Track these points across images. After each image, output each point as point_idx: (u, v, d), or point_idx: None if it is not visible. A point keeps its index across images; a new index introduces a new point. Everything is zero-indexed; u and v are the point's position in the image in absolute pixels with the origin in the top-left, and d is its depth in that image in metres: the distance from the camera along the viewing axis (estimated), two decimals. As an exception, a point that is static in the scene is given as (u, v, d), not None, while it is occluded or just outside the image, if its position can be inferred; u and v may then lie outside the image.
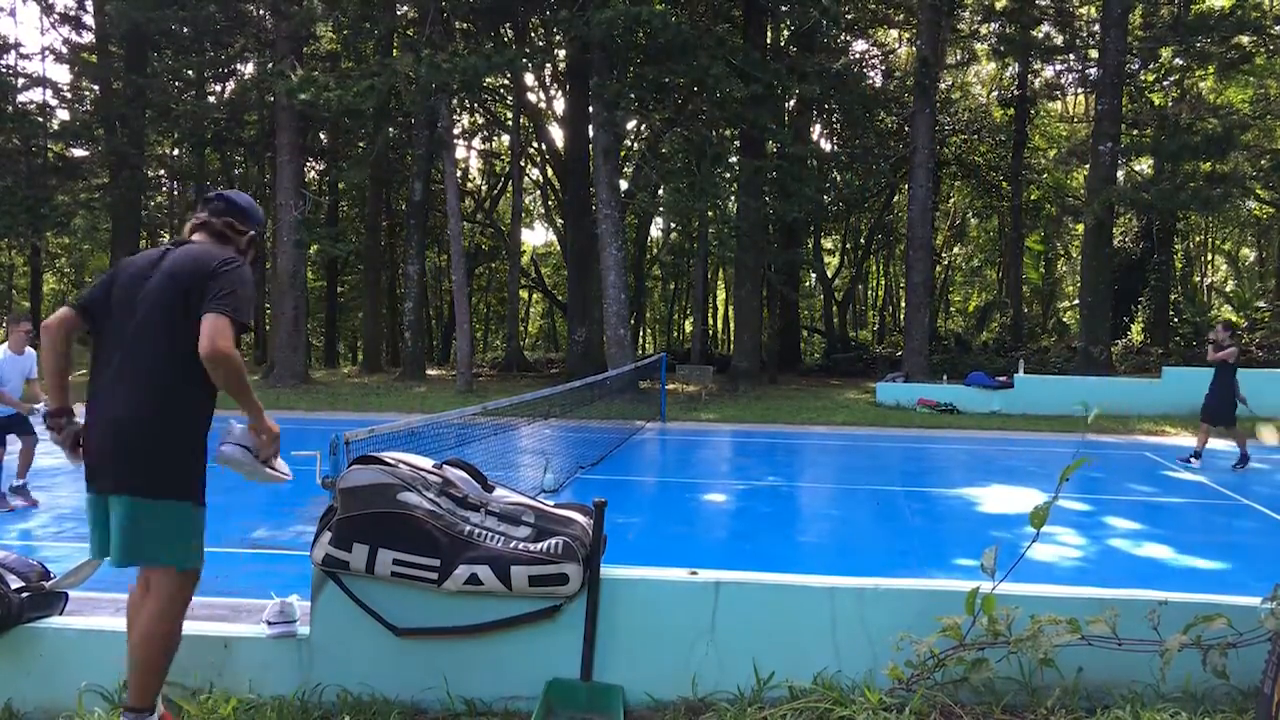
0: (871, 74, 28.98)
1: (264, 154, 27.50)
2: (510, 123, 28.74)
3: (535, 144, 31.24)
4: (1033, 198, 30.39)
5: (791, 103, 25.13)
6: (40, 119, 24.38)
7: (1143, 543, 6.96)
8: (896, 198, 32.07)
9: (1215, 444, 12.79)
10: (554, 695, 2.84)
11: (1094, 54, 22.06)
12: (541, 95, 30.05)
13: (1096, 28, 22.27)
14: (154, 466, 2.64)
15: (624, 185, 24.78)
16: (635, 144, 29.57)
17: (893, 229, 33.99)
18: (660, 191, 26.45)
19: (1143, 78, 24.56)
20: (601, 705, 2.84)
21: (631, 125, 27.64)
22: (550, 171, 32.80)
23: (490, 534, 2.93)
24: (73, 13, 25.41)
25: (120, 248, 23.67)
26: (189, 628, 3.16)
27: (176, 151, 31.54)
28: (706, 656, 2.92)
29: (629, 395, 17.26)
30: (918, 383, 17.97)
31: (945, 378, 18.24)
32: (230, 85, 29.05)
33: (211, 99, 27.76)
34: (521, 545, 2.90)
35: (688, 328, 40.89)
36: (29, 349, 7.53)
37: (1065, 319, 33.48)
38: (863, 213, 33.83)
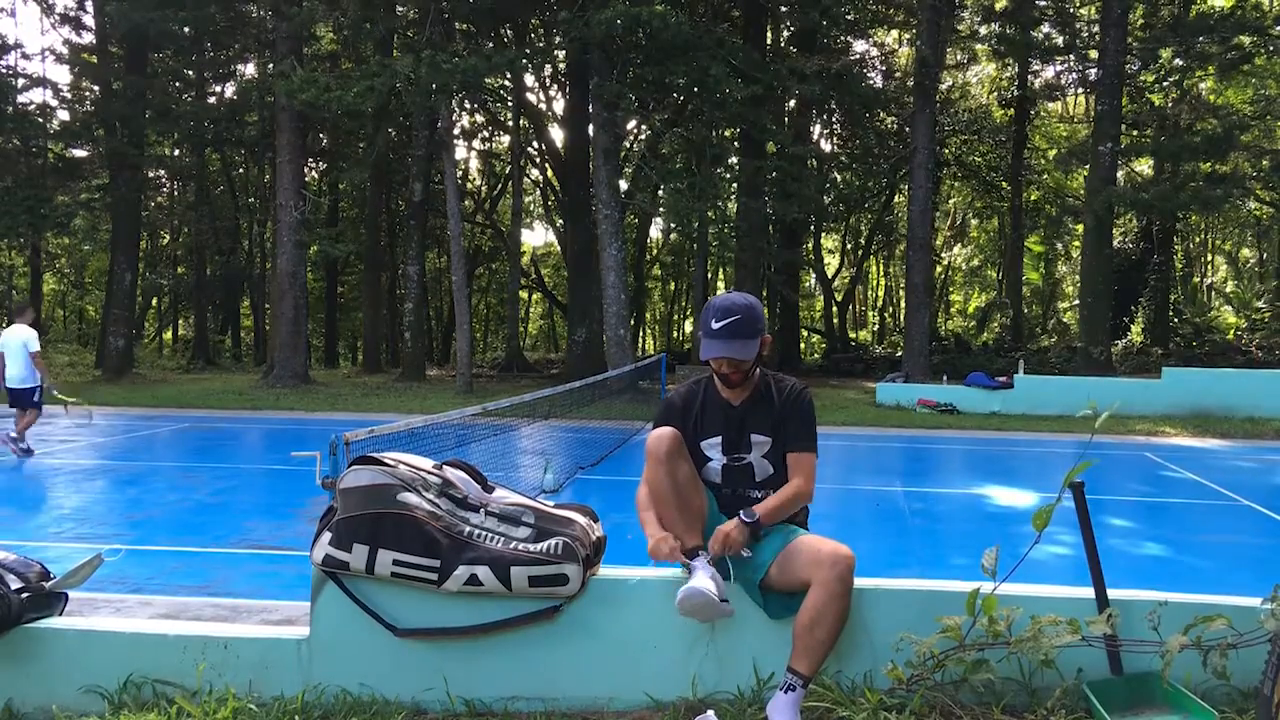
0: (871, 74, 28.97)
1: (264, 154, 27.51)
2: (510, 123, 28.74)
3: (535, 144, 31.22)
4: (1033, 198, 30.37)
5: (791, 103, 25.14)
6: (40, 119, 24.34)
7: (1143, 543, 6.96)
8: (896, 198, 32.06)
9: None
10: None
11: (1094, 54, 22.05)
12: (541, 95, 30.05)
13: (1096, 28, 22.26)
14: None
15: (624, 185, 24.80)
16: (635, 144, 29.58)
17: (893, 229, 33.97)
18: (660, 192, 26.45)
19: (1143, 78, 24.55)
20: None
21: (631, 125, 27.65)
22: (550, 172, 32.79)
23: (490, 534, 2.92)
24: (73, 13, 25.37)
25: (120, 248, 23.67)
26: (189, 628, 3.16)
27: (176, 152, 31.52)
28: (706, 656, 2.92)
29: (629, 395, 17.24)
30: (917, 383, 17.95)
31: (945, 378, 18.21)
32: (230, 85, 29.04)
33: (211, 99, 27.76)
34: (521, 546, 2.90)
35: (688, 328, 40.88)
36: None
37: (1065, 319, 33.47)
38: (863, 213, 33.83)
